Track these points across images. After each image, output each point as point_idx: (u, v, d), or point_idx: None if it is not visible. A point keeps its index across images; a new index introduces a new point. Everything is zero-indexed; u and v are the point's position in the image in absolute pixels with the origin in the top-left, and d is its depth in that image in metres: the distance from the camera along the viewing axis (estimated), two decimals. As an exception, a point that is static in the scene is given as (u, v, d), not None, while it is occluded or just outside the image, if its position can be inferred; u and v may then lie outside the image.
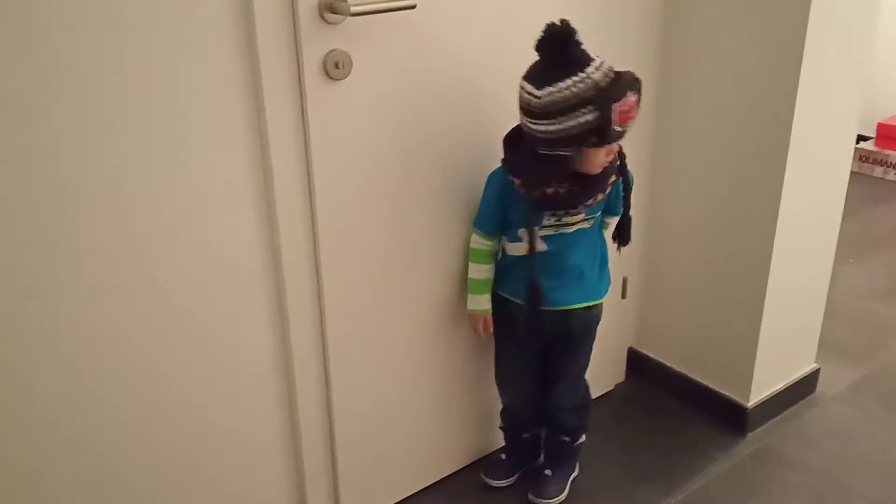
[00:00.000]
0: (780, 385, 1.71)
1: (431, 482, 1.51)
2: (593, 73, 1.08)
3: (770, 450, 1.62)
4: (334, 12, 1.05)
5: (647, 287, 1.78)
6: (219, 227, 1.09)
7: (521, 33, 1.23)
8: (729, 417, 1.68)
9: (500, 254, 1.36)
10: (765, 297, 1.54)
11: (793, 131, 1.41)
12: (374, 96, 1.16)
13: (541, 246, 1.26)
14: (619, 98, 1.08)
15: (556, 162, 1.14)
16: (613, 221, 1.38)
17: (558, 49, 1.09)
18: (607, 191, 1.26)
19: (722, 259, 1.61)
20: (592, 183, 1.21)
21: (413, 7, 1.09)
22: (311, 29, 1.05)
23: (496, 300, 1.37)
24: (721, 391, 1.69)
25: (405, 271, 1.31)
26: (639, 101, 1.12)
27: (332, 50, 1.08)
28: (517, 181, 1.23)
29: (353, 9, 1.03)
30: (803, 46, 1.35)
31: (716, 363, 1.69)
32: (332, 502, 1.37)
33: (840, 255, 1.73)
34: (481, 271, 1.34)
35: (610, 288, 1.40)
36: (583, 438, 1.50)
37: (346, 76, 1.10)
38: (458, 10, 1.20)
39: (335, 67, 1.08)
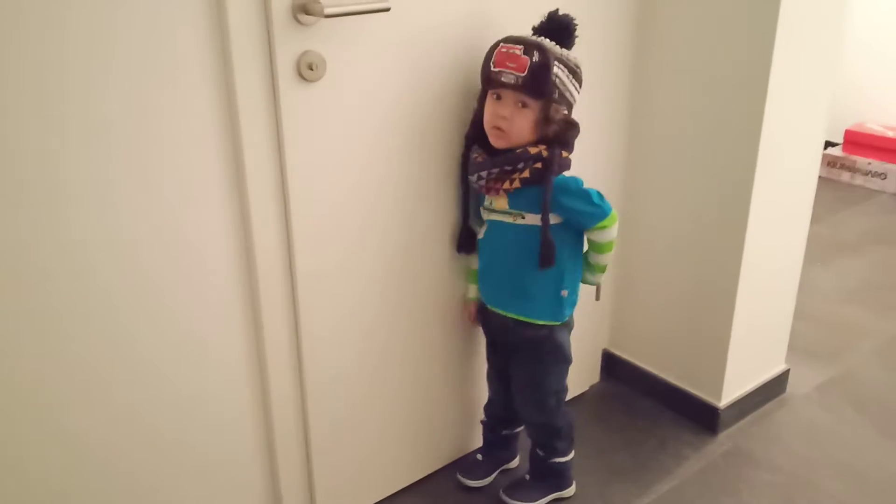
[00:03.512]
0: (750, 386, 1.74)
1: (408, 484, 1.51)
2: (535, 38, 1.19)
3: (741, 449, 1.64)
4: (308, 13, 1.05)
5: (620, 290, 1.80)
6: (192, 230, 1.08)
7: (498, 33, 1.24)
8: (701, 418, 1.70)
9: None
10: (736, 299, 1.57)
11: (762, 137, 1.43)
12: (349, 98, 1.15)
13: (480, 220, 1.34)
14: (505, 43, 1.18)
15: (476, 109, 1.27)
16: (595, 237, 1.28)
17: (548, 28, 1.20)
18: (513, 182, 1.20)
19: (694, 262, 1.63)
20: (498, 157, 1.22)
21: (387, 10, 1.10)
22: (284, 30, 1.05)
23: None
24: (693, 392, 1.71)
25: (381, 273, 1.30)
26: (533, 63, 1.15)
27: (306, 51, 1.08)
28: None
29: (327, 10, 1.03)
30: (772, 55, 1.37)
31: (688, 365, 1.71)
32: (307, 506, 1.37)
33: (809, 259, 1.76)
34: (469, 261, 1.40)
35: (578, 304, 1.34)
36: (561, 459, 1.45)
37: (320, 78, 1.10)
38: (432, 11, 1.21)
39: (309, 69, 1.08)
